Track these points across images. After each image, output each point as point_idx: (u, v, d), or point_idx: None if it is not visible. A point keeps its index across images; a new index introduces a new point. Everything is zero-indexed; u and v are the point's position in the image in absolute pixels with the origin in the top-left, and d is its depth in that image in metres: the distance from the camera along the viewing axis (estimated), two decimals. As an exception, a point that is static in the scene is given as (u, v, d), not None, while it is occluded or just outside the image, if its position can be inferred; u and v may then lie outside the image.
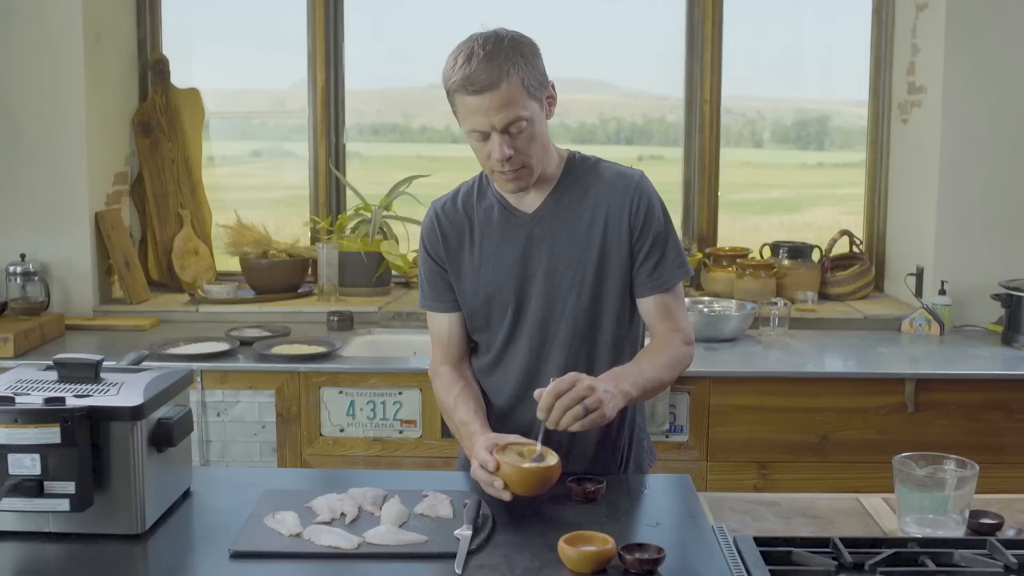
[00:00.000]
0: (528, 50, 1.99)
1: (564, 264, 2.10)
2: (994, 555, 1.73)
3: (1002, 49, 3.76)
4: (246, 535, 1.78)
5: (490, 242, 2.13)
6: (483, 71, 1.92)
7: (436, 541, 1.76)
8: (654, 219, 2.10)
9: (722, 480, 3.29)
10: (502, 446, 1.88)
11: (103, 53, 3.92)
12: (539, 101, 2.00)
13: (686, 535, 1.85)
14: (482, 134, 1.98)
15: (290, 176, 4.61)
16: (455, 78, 1.94)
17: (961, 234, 3.84)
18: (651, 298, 2.12)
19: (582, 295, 2.10)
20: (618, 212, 2.09)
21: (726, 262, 4.15)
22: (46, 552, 1.76)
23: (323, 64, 4.27)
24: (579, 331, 2.12)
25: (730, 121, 4.49)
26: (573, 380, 1.85)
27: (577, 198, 2.11)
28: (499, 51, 1.94)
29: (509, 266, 2.12)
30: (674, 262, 2.12)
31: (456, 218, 2.16)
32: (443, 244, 2.16)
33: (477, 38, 1.97)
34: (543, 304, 2.12)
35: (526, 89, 1.95)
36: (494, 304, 2.14)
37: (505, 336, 2.16)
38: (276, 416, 3.33)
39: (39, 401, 1.74)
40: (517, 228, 2.12)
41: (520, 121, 1.96)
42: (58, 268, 3.85)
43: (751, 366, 3.37)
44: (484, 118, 1.95)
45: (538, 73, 1.99)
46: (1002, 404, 3.30)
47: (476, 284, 2.14)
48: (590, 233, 2.09)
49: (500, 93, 1.92)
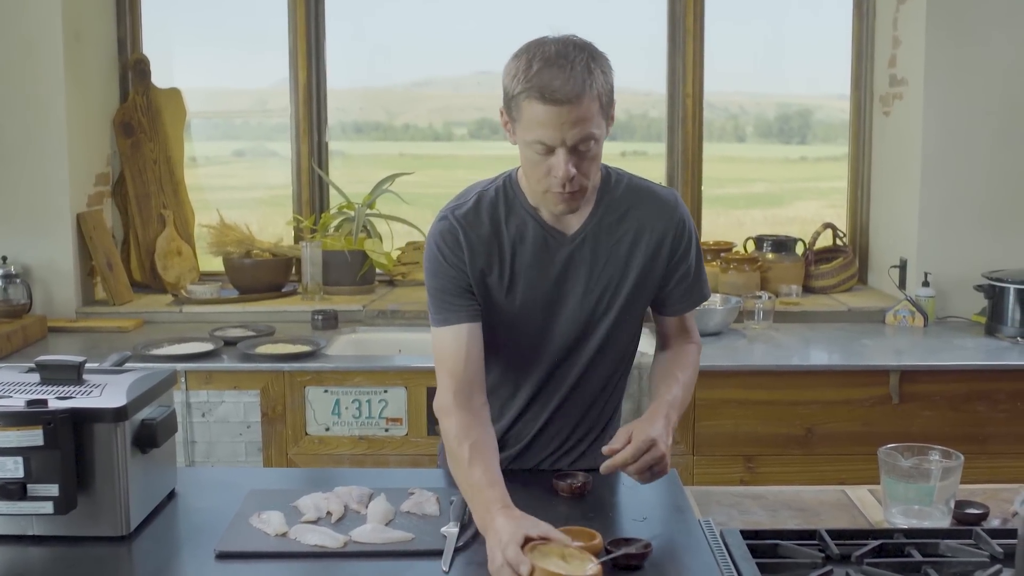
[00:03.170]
0: (605, 64, 1.86)
1: (601, 288, 2.01)
2: (980, 545, 1.73)
3: (983, 41, 3.77)
4: (231, 535, 1.78)
5: (522, 262, 1.98)
6: (566, 81, 1.77)
7: (423, 539, 1.76)
8: (693, 244, 2.07)
9: (708, 474, 3.29)
10: (532, 546, 1.60)
11: (83, 53, 3.90)
12: (609, 120, 1.88)
13: (673, 529, 1.85)
14: (547, 147, 1.82)
15: (272, 176, 4.59)
16: (530, 83, 1.78)
17: (944, 226, 3.85)
18: (675, 317, 2.13)
19: (609, 317, 2.02)
20: (660, 237, 2.01)
21: (710, 256, 4.15)
22: (29, 555, 1.75)
23: (305, 63, 4.25)
24: (602, 351, 2.06)
25: (713, 116, 4.50)
26: (649, 443, 1.81)
27: (617, 220, 2.00)
28: (581, 61, 1.80)
29: (543, 289, 1.99)
30: (704, 283, 2.13)
31: (482, 232, 1.97)
32: (469, 258, 1.96)
33: (554, 42, 1.82)
34: (571, 328, 2.02)
35: (602, 107, 1.83)
36: (518, 324, 2.01)
37: (523, 358, 2.05)
38: (261, 416, 3.31)
39: (21, 403, 1.73)
40: (556, 250, 1.98)
41: (591, 140, 1.82)
42: (40, 270, 3.82)
43: (736, 360, 3.38)
44: (556, 132, 1.79)
45: (611, 90, 1.86)
46: (986, 395, 3.31)
47: (502, 303, 2.00)
48: (630, 257, 2.01)
49: (579, 108, 1.78)
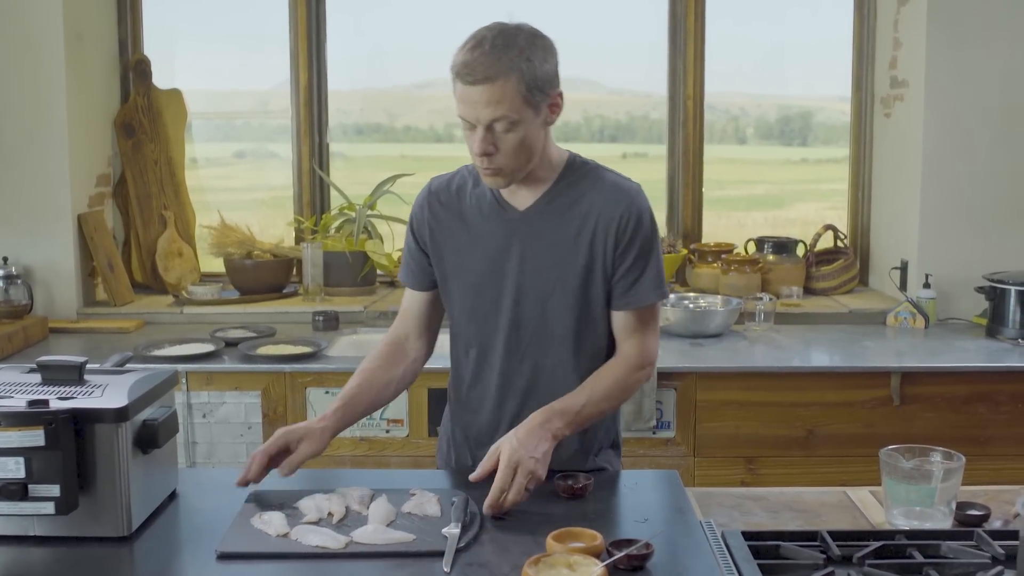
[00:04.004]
0: (540, 53, 1.94)
1: (547, 267, 2.07)
2: (981, 546, 1.73)
3: (984, 42, 3.77)
4: (233, 536, 1.78)
5: (477, 231, 2.11)
6: (483, 63, 1.89)
7: (424, 540, 1.75)
8: (640, 236, 2.06)
9: (710, 476, 3.29)
10: (537, 559, 1.59)
11: (84, 54, 3.90)
12: (535, 107, 1.94)
13: (674, 530, 1.84)
14: (469, 124, 1.96)
15: (273, 177, 4.59)
16: (457, 61, 1.92)
17: (945, 227, 3.85)
18: (623, 313, 2.10)
19: (562, 299, 2.08)
20: (607, 223, 2.05)
21: (711, 258, 4.15)
22: (31, 556, 1.74)
23: (306, 64, 4.25)
24: (555, 334, 2.10)
25: (714, 118, 4.50)
26: (510, 473, 1.85)
27: (570, 202, 2.07)
28: (510, 47, 1.90)
29: (493, 259, 2.10)
30: (652, 283, 2.08)
31: (448, 199, 2.14)
32: (429, 223, 2.14)
33: (494, 27, 1.94)
34: (522, 303, 2.09)
35: (523, 92, 1.91)
36: (474, 294, 2.13)
37: (486, 332, 2.14)
38: (262, 417, 3.31)
39: (22, 404, 1.73)
40: (505, 223, 2.09)
41: (505, 121, 1.92)
42: (41, 271, 3.83)
43: (737, 361, 3.37)
44: (471, 109, 1.93)
45: (543, 78, 1.94)
46: (987, 396, 3.31)
47: (459, 269, 2.13)
48: (578, 239, 2.06)
49: (493, 89, 1.89)
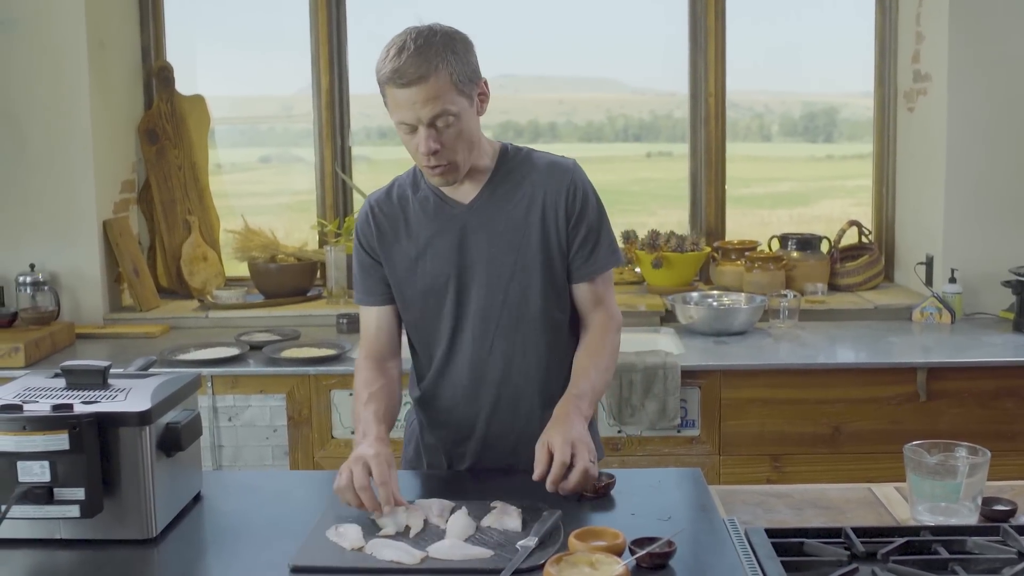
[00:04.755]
0: (460, 46, 2.00)
1: (504, 252, 2.12)
2: (1007, 541, 1.72)
3: (1006, 34, 3.74)
4: (308, 549, 1.75)
5: (426, 233, 2.14)
6: (412, 64, 1.93)
7: (502, 556, 1.71)
8: (589, 207, 2.15)
9: (735, 474, 3.28)
10: (558, 557, 1.60)
11: (107, 61, 3.93)
12: (468, 97, 2.01)
13: (697, 528, 1.83)
14: (410, 127, 1.99)
15: (298, 181, 4.62)
16: (385, 70, 1.96)
17: (970, 222, 3.82)
18: (584, 284, 2.18)
19: (525, 281, 2.13)
20: (555, 200, 2.12)
21: (735, 255, 4.14)
22: (57, 559, 1.76)
23: (327, 68, 4.27)
24: (522, 317, 2.15)
25: (737, 115, 4.48)
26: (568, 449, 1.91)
27: (512, 188, 2.14)
28: (430, 46, 1.95)
29: (447, 257, 2.13)
30: (607, 249, 2.18)
31: (391, 210, 2.17)
32: (377, 237, 2.17)
33: (411, 32, 1.98)
34: (485, 293, 2.13)
35: (455, 84, 1.97)
36: (431, 296, 2.15)
37: (450, 328, 2.16)
38: (287, 419, 3.33)
39: (47, 408, 1.75)
40: (453, 219, 2.13)
41: (447, 115, 1.97)
42: (67, 277, 3.86)
43: (762, 359, 3.36)
44: (411, 111, 1.96)
45: (469, 69, 2.01)
46: (1014, 391, 3.28)
47: (413, 275, 2.15)
48: (528, 221, 2.12)
49: (428, 87, 1.94)
